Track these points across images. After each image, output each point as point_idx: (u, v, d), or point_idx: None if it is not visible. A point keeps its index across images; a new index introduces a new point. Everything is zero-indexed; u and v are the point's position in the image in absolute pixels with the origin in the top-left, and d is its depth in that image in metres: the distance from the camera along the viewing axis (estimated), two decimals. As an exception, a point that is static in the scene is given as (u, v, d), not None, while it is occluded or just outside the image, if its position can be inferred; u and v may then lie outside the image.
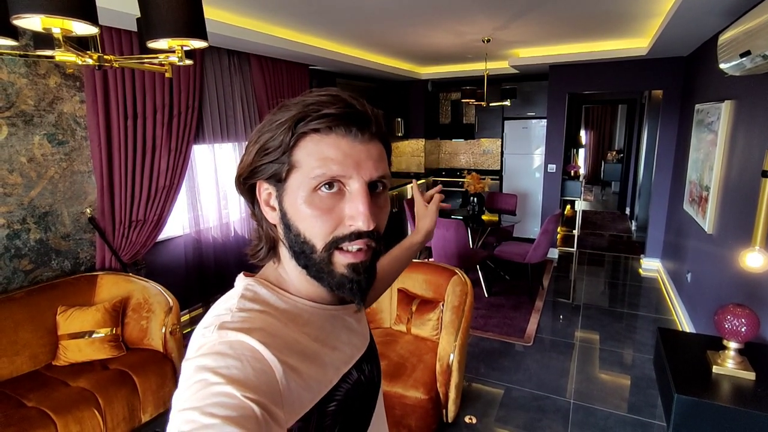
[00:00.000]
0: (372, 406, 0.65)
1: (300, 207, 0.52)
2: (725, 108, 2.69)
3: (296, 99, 0.54)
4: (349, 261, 0.53)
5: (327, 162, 0.51)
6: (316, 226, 0.52)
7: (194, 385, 0.43)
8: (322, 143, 0.52)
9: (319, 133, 0.52)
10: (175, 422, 0.41)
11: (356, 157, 0.52)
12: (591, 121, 10.71)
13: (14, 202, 2.38)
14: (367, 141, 0.54)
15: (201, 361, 0.45)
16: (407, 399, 2.16)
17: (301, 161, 0.52)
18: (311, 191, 0.52)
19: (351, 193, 0.53)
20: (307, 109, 0.51)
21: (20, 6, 0.79)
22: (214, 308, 0.55)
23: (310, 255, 0.54)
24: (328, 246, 0.53)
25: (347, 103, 0.52)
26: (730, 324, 1.57)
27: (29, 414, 1.88)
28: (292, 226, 0.54)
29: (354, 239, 0.53)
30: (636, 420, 2.42)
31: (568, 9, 2.97)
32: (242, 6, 2.76)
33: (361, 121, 0.53)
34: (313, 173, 0.51)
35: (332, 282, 0.54)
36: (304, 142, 0.52)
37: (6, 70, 2.29)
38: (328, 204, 0.52)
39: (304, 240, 0.53)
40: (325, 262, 0.53)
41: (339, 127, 0.52)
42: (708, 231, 2.85)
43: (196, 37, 1.07)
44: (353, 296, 0.55)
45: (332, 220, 0.52)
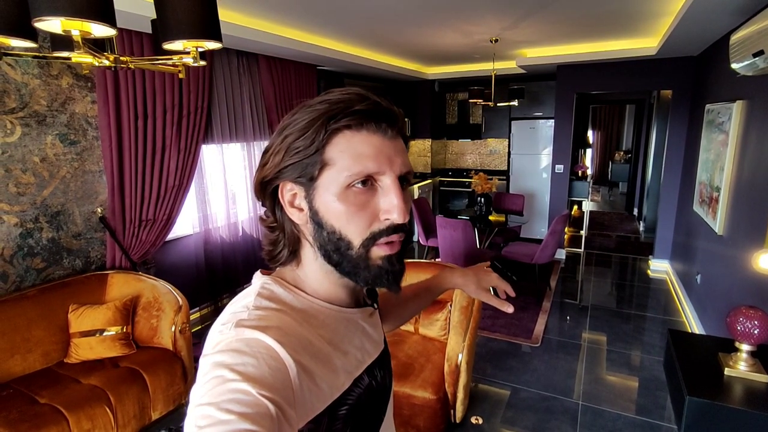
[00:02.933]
0: (383, 411, 0.65)
1: (334, 204, 0.53)
2: (737, 108, 2.67)
3: (318, 98, 0.54)
4: (386, 253, 0.54)
5: (361, 158, 0.52)
6: (353, 223, 0.53)
7: (211, 381, 0.44)
8: (354, 140, 0.52)
9: (351, 130, 0.52)
10: (192, 417, 0.42)
11: (387, 152, 0.53)
12: (598, 121, 10.64)
13: (27, 202, 2.41)
14: (394, 137, 0.55)
15: (218, 358, 0.46)
16: (415, 399, 2.17)
17: (334, 158, 0.52)
18: (345, 188, 0.52)
19: (384, 188, 0.53)
20: (336, 107, 0.52)
21: (42, 9, 0.80)
22: (232, 305, 0.55)
23: (346, 252, 0.54)
24: (366, 242, 0.53)
25: (374, 100, 0.53)
26: (743, 326, 1.55)
27: (42, 411, 1.90)
28: (325, 224, 0.54)
29: (391, 233, 0.54)
30: (645, 422, 2.40)
31: (577, 8, 2.95)
32: (251, 7, 2.77)
33: (389, 118, 0.54)
34: (350, 170, 0.52)
35: (369, 275, 0.55)
36: (336, 139, 0.52)
37: (20, 71, 2.32)
38: (362, 200, 0.53)
39: (340, 237, 0.53)
40: (362, 257, 0.54)
41: (370, 123, 0.53)
42: (718, 232, 2.83)
43: (211, 39, 1.08)
44: (390, 286, 0.56)
45: (368, 216, 0.53)
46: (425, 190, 6.32)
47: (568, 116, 5.00)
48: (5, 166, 2.30)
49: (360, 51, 4.34)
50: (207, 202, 3.50)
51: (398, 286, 0.57)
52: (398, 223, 0.53)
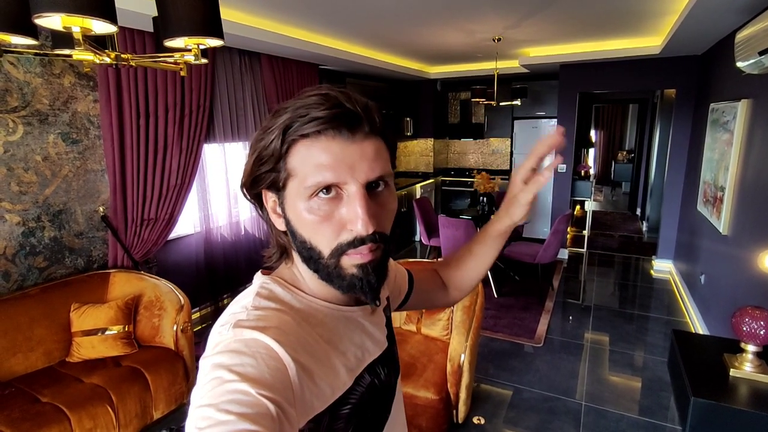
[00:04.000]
0: (387, 409, 0.65)
1: (301, 214, 0.52)
2: (742, 107, 2.65)
3: (289, 102, 0.52)
4: (358, 262, 0.52)
5: (320, 169, 0.49)
6: (319, 233, 0.52)
7: (210, 382, 0.44)
8: (313, 148, 0.50)
9: (309, 138, 0.50)
10: (193, 418, 0.42)
11: (349, 159, 0.50)
12: (601, 121, 10.61)
13: (29, 200, 2.41)
14: (360, 140, 0.51)
15: (217, 359, 0.46)
16: (418, 399, 2.16)
17: (296, 168, 0.51)
18: (309, 198, 0.51)
19: (348, 197, 0.51)
20: (295, 113, 0.50)
21: (42, 5, 0.80)
22: (231, 306, 0.55)
23: (318, 260, 0.53)
24: (333, 253, 0.52)
25: (336, 102, 0.50)
26: (748, 327, 1.54)
27: (44, 409, 1.90)
28: (296, 233, 0.54)
29: (358, 245, 0.51)
30: (649, 423, 2.39)
31: (580, 7, 2.94)
32: (254, 6, 2.77)
33: (352, 121, 0.50)
34: (308, 182, 0.50)
35: (343, 284, 0.54)
36: (295, 149, 0.51)
37: (22, 70, 2.32)
38: (326, 210, 0.51)
39: (311, 246, 0.53)
40: (333, 266, 0.53)
41: (328, 129, 0.49)
42: (723, 232, 2.81)
43: (213, 36, 1.07)
44: (364, 296, 0.54)
45: (333, 226, 0.51)
46: (427, 190, 6.30)
47: (570, 116, 4.98)
48: (7, 165, 2.30)
49: (362, 50, 4.33)
50: (209, 201, 3.50)
51: (374, 296, 0.54)
52: (364, 235, 0.50)
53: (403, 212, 5.71)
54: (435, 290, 0.87)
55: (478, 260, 0.84)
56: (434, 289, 0.87)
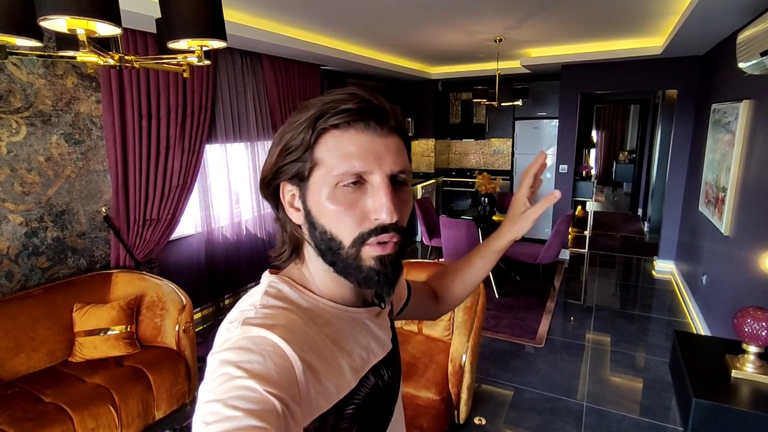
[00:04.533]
0: (390, 411, 0.65)
1: (324, 203, 0.53)
2: (743, 108, 2.65)
3: (315, 99, 0.55)
4: (377, 253, 0.53)
5: (349, 158, 0.51)
6: (342, 223, 0.53)
7: (218, 378, 0.45)
8: (342, 139, 0.52)
9: (339, 129, 0.52)
10: (200, 413, 0.42)
11: (376, 151, 0.52)
12: (602, 121, 10.60)
13: (32, 201, 2.42)
14: (386, 135, 0.54)
15: (225, 356, 0.47)
16: (419, 399, 2.16)
17: (323, 158, 0.52)
18: (334, 187, 0.52)
19: (373, 187, 0.53)
20: (325, 107, 0.52)
21: (47, 7, 0.80)
22: (240, 304, 0.56)
23: (337, 251, 0.54)
24: (355, 242, 0.53)
25: (364, 98, 0.53)
26: (750, 328, 1.54)
27: (47, 409, 1.91)
28: (317, 223, 0.54)
29: (380, 233, 0.53)
30: (650, 423, 2.39)
31: (581, 8, 2.94)
32: (255, 6, 2.77)
33: (380, 116, 0.53)
34: (336, 170, 0.51)
35: (360, 276, 0.54)
36: (324, 139, 0.52)
37: (25, 71, 2.33)
38: (351, 199, 0.52)
39: (331, 237, 0.54)
40: (353, 257, 0.54)
41: (358, 122, 0.52)
42: (725, 233, 2.81)
43: (216, 38, 1.08)
44: (380, 289, 0.55)
45: (357, 216, 0.53)
46: (428, 190, 6.30)
47: (572, 116, 4.98)
48: (11, 165, 2.31)
49: (363, 51, 4.33)
50: (210, 201, 3.51)
51: (391, 288, 0.56)
52: (387, 223, 0.52)
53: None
54: (428, 303, 0.89)
55: (476, 273, 0.87)
56: (427, 302, 0.89)
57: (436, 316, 0.93)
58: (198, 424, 0.42)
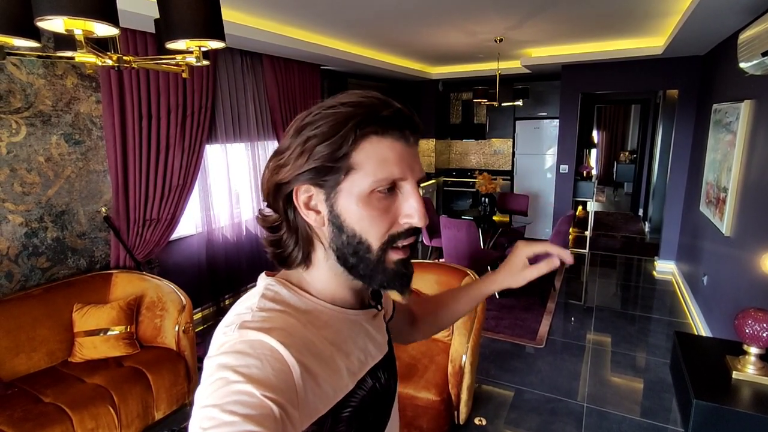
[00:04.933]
0: (387, 413, 0.65)
1: (356, 208, 0.53)
2: (745, 108, 2.64)
3: (338, 100, 0.53)
4: (400, 257, 0.56)
5: (387, 164, 0.53)
6: (375, 227, 0.54)
7: (215, 382, 0.44)
8: (380, 146, 0.53)
9: (378, 136, 0.53)
10: (197, 418, 0.42)
11: (408, 159, 0.55)
12: (603, 121, 10.58)
13: (32, 201, 2.42)
14: (413, 144, 0.57)
15: (222, 360, 0.46)
16: (419, 400, 2.16)
17: (360, 163, 0.52)
18: (369, 193, 0.53)
19: (404, 193, 0.55)
20: (362, 111, 0.52)
21: (44, 8, 0.80)
22: (236, 307, 0.55)
23: (364, 255, 0.55)
24: (384, 245, 0.55)
25: (398, 107, 0.54)
26: (751, 329, 1.53)
27: (46, 410, 1.91)
28: (346, 227, 0.54)
29: (409, 236, 0.56)
30: (651, 424, 2.38)
31: (582, 8, 2.93)
32: (255, 6, 2.77)
33: (412, 125, 0.55)
34: (376, 176, 0.52)
35: (384, 278, 0.56)
36: (363, 144, 0.52)
37: (25, 71, 2.33)
38: (384, 205, 0.54)
39: (360, 240, 0.54)
40: (380, 260, 0.55)
41: (394, 130, 0.54)
42: (726, 233, 2.80)
43: (214, 38, 1.07)
44: (403, 289, 0.58)
45: (389, 220, 0.54)
46: (429, 190, 6.30)
47: (572, 116, 4.97)
48: (10, 165, 2.31)
49: (364, 51, 4.33)
50: (210, 202, 3.50)
51: (410, 289, 0.59)
52: (417, 226, 0.55)
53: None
54: (404, 325, 0.88)
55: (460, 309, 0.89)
56: (404, 325, 0.88)
57: (406, 341, 0.91)
58: (195, 429, 0.41)
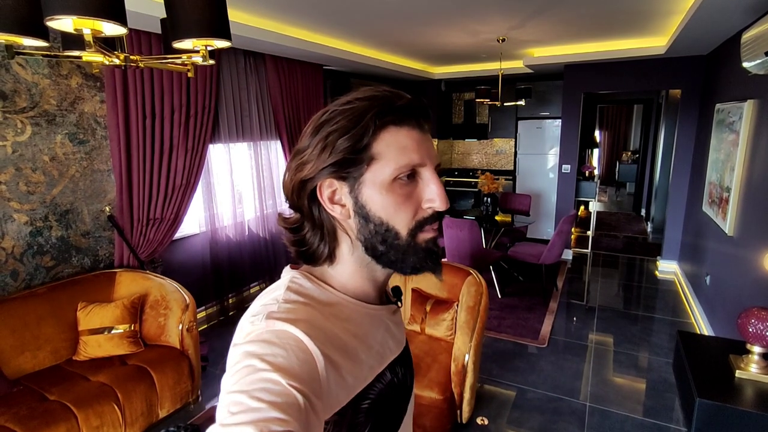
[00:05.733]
0: (403, 408, 0.66)
1: (380, 197, 0.55)
2: (748, 107, 2.64)
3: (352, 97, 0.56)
4: (430, 236, 0.58)
5: (407, 151, 0.55)
6: (400, 213, 0.55)
7: (242, 369, 0.46)
8: (399, 134, 0.55)
9: (396, 125, 0.55)
10: (224, 403, 0.43)
11: (425, 145, 0.57)
12: (606, 121, 10.57)
13: (37, 200, 2.43)
14: (427, 131, 0.59)
15: (249, 348, 0.48)
16: (422, 399, 2.16)
17: (381, 153, 0.54)
18: (392, 181, 0.54)
19: (425, 179, 0.57)
20: (380, 104, 0.54)
21: (54, 8, 0.81)
22: (261, 297, 0.57)
23: (393, 242, 0.56)
24: (412, 231, 0.56)
25: (411, 98, 0.57)
26: (755, 328, 1.53)
27: (52, 407, 1.92)
28: (372, 216, 0.55)
29: (434, 220, 0.58)
30: (654, 424, 2.38)
31: (585, 7, 2.93)
32: (259, 6, 2.78)
33: (425, 114, 0.58)
34: (397, 163, 0.54)
35: (417, 259, 0.57)
36: (382, 135, 0.55)
37: (30, 71, 2.34)
38: (407, 191, 0.55)
39: (388, 228, 0.55)
40: (410, 244, 0.57)
41: (410, 119, 0.56)
42: (728, 233, 2.80)
43: (221, 38, 1.08)
44: (435, 267, 0.59)
45: (413, 206, 0.56)
46: (431, 190, 6.29)
47: (575, 116, 4.97)
48: (16, 165, 2.32)
49: (366, 51, 4.34)
50: (214, 201, 3.52)
51: (441, 268, 0.60)
52: (441, 210, 0.57)
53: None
54: None
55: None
56: None
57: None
58: (223, 413, 0.42)
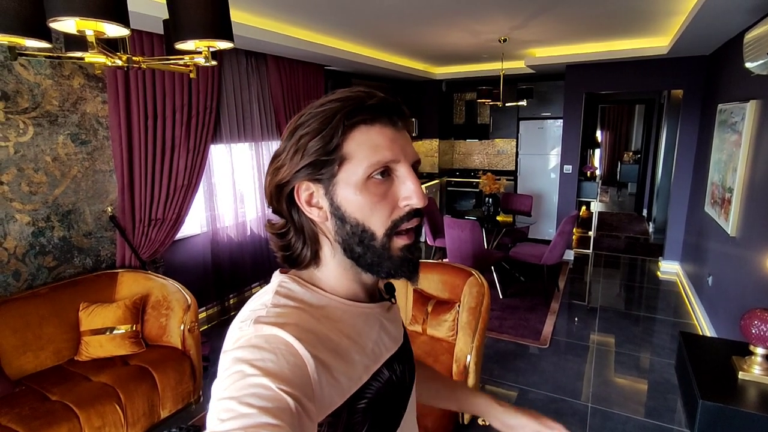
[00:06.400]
0: (403, 406, 0.65)
1: (355, 197, 0.54)
2: (750, 108, 2.63)
3: (326, 99, 0.56)
4: (405, 243, 0.57)
5: (379, 149, 0.54)
6: (376, 213, 0.55)
7: (232, 375, 0.45)
8: (370, 133, 0.54)
9: (366, 124, 0.54)
10: (215, 410, 0.43)
11: (400, 142, 0.56)
12: (607, 121, 10.55)
13: (39, 201, 2.43)
14: (403, 128, 0.58)
15: (238, 354, 0.47)
16: (423, 400, 2.16)
17: (352, 152, 0.54)
18: (365, 180, 0.54)
19: (400, 176, 0.56)
20: (350, 104, 0.54)
21: (57, 9, 0.81)
22: (250, 303, 0.56)
23: (369, 243, 0.55)
24: (388, 231, 0.56)
25: (383, 96, 0.56)
26: (758, 329, 1.53)
27: (54, 407, 1.92)
28: (348, 217, 0.55)
29: (411, 218, 0.56)
30: (656, 425, 2.38)
31: (587, 7, 2.93)
32: (260, 7, 2.78)
33: (399, 111, 0.57)
34: (368, 161, 0.53)
35: (391, 265, 0.57)
36: (353, 134, 0.54)
37: (32, 72, 2.34)
38: (382, 190, 0.55)
39: (364, 229, 0.55)
40: (385, 247, 0.56)
41: (382, 117, 0.55)
42: (731, 234, 2.79)
43: (223, 39, 1.08)
44: (411, 276, 0.58)
45: (389, 205, 0.55)
46: (432, 191, 6.30)
47: (576, 116, 4.96)
48: (18, 165, 2.32)
49: (368, 51, 4.34)
50: (215, 201, 3.52)
51: (417, 274, 0.59)
52: (418, 207, 0.56)
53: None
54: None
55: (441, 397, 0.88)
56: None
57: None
58: (213, 421, 0.42)
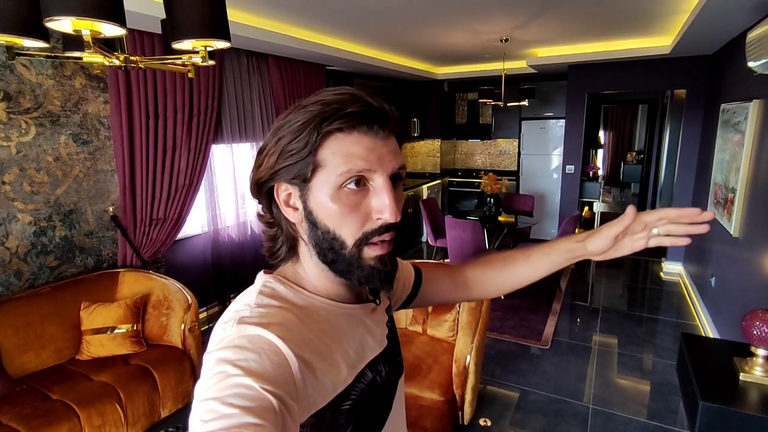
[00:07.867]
0: (388, 407, 0.65)
1: (327, 205, 0.53)
2: (753, 108, 2.61)
3: (311, 99, 0.55)
4: (377, 253, 0.55)
5: (352, 158, 0.52)
6: (346, 223, 0.54)
7: (215, 376, 0.45)
8: (346, 141, 0.53)
9: (343, 132, 0.52)
10: (197, 411, 0.43)
11: (378, 152, 0.53)
12: (610, 122, 10.50)
13: (41, 200, 2.44)
14: (385, 137, 0.55)
15: (221, 354, 0.47)
16: (423, 400, 2.16)
17: (326, 160, 0.53)
18: (337, 189, 0.53)
19: (376, 188, 0.54)
20: (329, 109, 0.52)
21: (53, 9, 0.81)
22: (234, 304, 0.56)
23: (339, 251, 0.55)
24: (358, 242, 0.54)
25: (366, 101, 0.53)
26: (759, 330, 1.52)
27: (54, 406, 1.93)
28: (319, 223, 0.55)
29: (383, 232, 0.55)
30: (657, 427, 2.36)
31: (589, 7, 2.92)
32: (261, 6, 2.79)
33: (381, 119, 0.54)
34: (339, 170, 0.52)
35: (362, 275, 0.55)
36: (328, 141, 0.53)
37: (34, 72, 2.35)
38: (354, 200, 0.53)
39: (334, 237, 0.54)
40: (355, 257, 0.55)
41: (361, 125, 0.53)
42: (734, 234, 2.77)
43: (220, 38, 1.08)
44: (383, 286, 0.57)
45: (360, 216, 0.54)
46: (434, 191, 6.29)
47: (579, 116, 4.94)
48: (20, 165, 2.34)
49: (369, 51, 4.33)
50: (216, 201, 3.53)
51: (390, 285, 0.58)
52: (390, 223, 0.54)
53: (409, 213, 5.70)
54: (448, 284, 0.84)
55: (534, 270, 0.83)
56: (447, 283, 0.84)
57: (459, 300, 0.89)
58: (195, 422, 0.42)
